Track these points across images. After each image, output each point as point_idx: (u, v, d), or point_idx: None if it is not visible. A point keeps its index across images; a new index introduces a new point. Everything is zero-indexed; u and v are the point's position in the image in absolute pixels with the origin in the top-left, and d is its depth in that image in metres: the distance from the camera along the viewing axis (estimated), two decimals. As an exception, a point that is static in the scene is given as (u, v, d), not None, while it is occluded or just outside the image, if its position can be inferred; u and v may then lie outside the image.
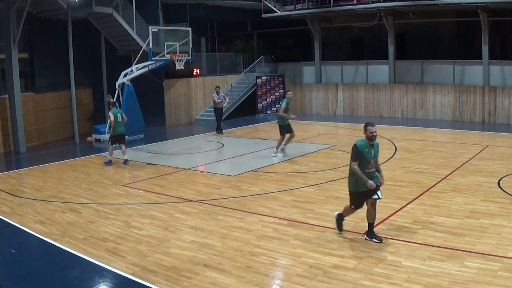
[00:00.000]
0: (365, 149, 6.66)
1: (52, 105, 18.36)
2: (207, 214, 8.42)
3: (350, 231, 7.28)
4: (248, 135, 17.75)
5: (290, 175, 11.18)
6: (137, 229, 7.75)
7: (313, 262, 6.20)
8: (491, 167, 10.99)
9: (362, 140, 6.78)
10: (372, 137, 6.69)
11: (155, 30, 17.15)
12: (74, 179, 11.56)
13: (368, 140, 6.71)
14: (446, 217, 7.68)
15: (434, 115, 20.07)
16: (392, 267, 5.90)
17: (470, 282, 5.39)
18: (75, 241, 7.27)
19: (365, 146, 6.69)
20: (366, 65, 22.55)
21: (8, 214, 8.84)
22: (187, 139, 17.76)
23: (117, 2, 18.26)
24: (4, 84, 16.23)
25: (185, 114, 21.89)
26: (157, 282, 5.78)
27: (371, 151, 6.69)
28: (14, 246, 7.33)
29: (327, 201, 8.90)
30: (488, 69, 18.71)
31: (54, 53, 17.99)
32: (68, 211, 8.89)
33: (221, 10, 23.27)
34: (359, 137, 7.09)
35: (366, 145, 6.71)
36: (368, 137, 6.71)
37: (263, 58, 24.43)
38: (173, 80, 21.13)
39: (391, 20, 20.72)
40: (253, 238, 7.14)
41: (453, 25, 21.52)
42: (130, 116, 17.07)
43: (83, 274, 6.24)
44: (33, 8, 16.98)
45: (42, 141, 17.72)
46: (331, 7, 21.28)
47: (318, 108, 23.59)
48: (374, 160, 6.74)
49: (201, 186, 10.71)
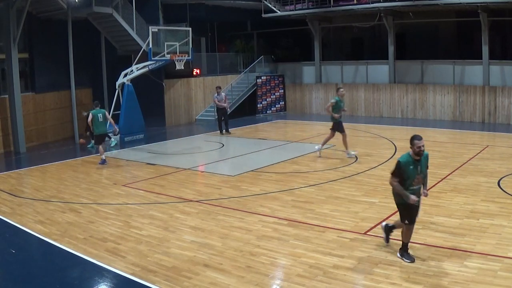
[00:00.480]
0: (409, 166, 5.93)
1: (52, 105, 18.36)
2: (207, 214, 8.42)
3: (350, 231, 7.28)
4: (248, 135, 17.74)
5: (290, 175, 11.18)
6: (137, 229, 7.75)
7: (313, 262, 6.20)
8: (491, 167, 10.98)
9: (407, 155, 5.99)
10: (419, 152, 5.87)
11: (155, 30, 17.14)
12: (74, 179, 11.56)
13: (415, 155, 5.91)
14: (446, 217, 7.68)
15: (434, 115, 20.07)
16: (392, 267, 5.90)
17: (470, 282, 5.40)
18: (75, 241, 7.27)
19: (410, 163, 5.93)
20: (366, 65, 22.54)
21: (8, 214, 8.84)
22: (187, 139, 17.76)
23: (117, 2, 18.27)
24: (4, 84, 16.24)
25: (185, 114, 21.89)
26: (157, 282, 5.78)
27: (417, 167, 5.95)
28: (14, 246, 7.33)
29: (327, 201, 8.89)
30: (488, 69, 18.70)
31: (54, 53, 18.00)
32: (68, 211, 8.89)
33: (221, 10, 23.28)
34: (359, 137, 7.07)
35: (411, 161, 5.94)
36: (415, 152, 5.89)
37: (263, 58, 24.43)
38: (173, 80, 21.13)
39: (391, 20, 20.72)
40: (253, 238, 7.14)
41: (453, 25, 21.51)
42: (130, 116, 17.18)
43: (83, 274, 6.24)
44: (33, 8, 16.99)
45: (42, 141, 17.72)
46: (331, 7, 21.28)
47: (318, 108, 23.56)
48: (420, 176, 6.04)
49: (201, 186, 10.72)
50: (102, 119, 13.05)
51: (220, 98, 17.71)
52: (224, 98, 17.82)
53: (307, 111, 23.89)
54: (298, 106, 24.25)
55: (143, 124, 17.84)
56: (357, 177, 10.64)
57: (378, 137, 15.73)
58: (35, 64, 17.76)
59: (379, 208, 8.33)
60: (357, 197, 9.10)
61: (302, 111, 24.01)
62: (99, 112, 13.06)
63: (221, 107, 17.74)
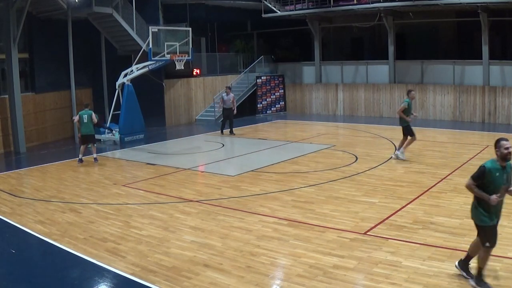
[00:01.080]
0: (495, 172, 5.19)
1: (52, 105, 18.35)
2: (207, 214, 8.42)
3: (350, 231, 7.28)
4: (248, 135, 17.74)
5: (290, 175, 11.18)
6: (137, 229, 7.75)
7: (313, 262, 6.20)
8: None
9: (492, 161, 5.28)
10: (507, 156, 5.16)
11: (155, 30, 17.14)
12: (74, 179, 11.56)
13: (501, 160, 5.20)
14: (446, 217, 7.68)
15: (434, 115, 20.07)
16: (392, 267, 5.90)
17: (470, 282, 5.39)
18: (75, 241, 7.27)
19: (496, 169, 5.21)
20: (366, 65, 22.54)
21: (8, 214, 8.84)
22: (187, 139, 17.76)
23: (117, 2, 18.26)
24: (4, 84, 16.24)
25: (185, 114, 21.89)
26: (157, 282, 5.78)
27: (503, 175, 5.23)
28: (14, 246, 7.33)
29: (327, 201, 8.90)
30: (488, 69, 18.70)
31: (54, 53, 17.99)
32: (68, 211, 8.89)
33: (221, 10, 23.28)
34: (359, 137, 7.07)
35: (498, 167, 5.21)
36: (502, 155, 5.17)
37: (263, 58, 24.43)
38: (173, 80, 21.13)
39: (391, 20, 20.72)
40: (253, 238, 7.14)
41: (453, 25, 21.52)
42: (130, 116, 17.18)
43: (83, 274, 6.23)
44: (33, 8, 16.98)
45: (42, 141, 17.72)
46: (331, 7, 21.28)
47: (318, 108, 23.58)
48: (506, 186, 5.30)
49: (201, 186, 10.71)
50: (87, 120, 13.13)
51: (228, 98, 17.66)
52: (232, 98, 17.74)
53: (307, 111, 23.89)
54: (298, 106, 24.26)
55: (143, 124, 17.84)
56: (357, 177, 10.64)
57: (378, 137, 15.72)
58: (35, 64, 17.75)
59: (379, 208, 8.34)
60: (357, 197, 9.10)
61: (302, 111, 24.01)
62: (85, 113, 13.22)
63: (228, 107, 17.66)
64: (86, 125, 13.17)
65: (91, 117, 13.20)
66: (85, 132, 13.25)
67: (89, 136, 13.35)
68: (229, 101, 17.58)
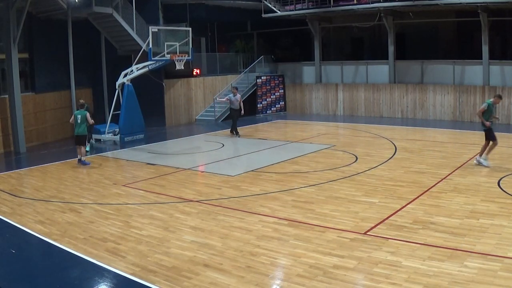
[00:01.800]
0: None
1: (52, 105, 18.35)
2: (207, 214, 8.42)
3: (350, 231, 7.28)
4: (248, 135, 17.74)
5: (290, 175, 11.18)
6: (137, 229, 7.75)
7: (313, 262, 6.19)
8: (491, 167, 10.98)
9: None
10: None
11: (155, 30, 17.13)
12: (74, 179, 11.56)
13: None
14: (446, 217, 7.68)
15: (434, 115, 20.07)
16: (392, 267, 5.89)
17: (470, 282, 5.39)
18: (75, 241, 7.27)
19: None
20: (366, 65, 22.54)
21: (8, 214, 8.84)
22: (187, 139, 17.76)
23: (117, 2, 18.26)
24: (4, 84, 16.24)
25: (185, 114, 21.89)
26: (157, 282, 5.78)
27: None
28: (14, 246, 7.33)
29: (327, 201, 8.89)
30: (488, 69, 18.71)
31: (54, 53, 17.99)
32: (68, 211, 8.89)
33: (221, 10, 23.28)
34: (359, 137, 7.09)
35: None
36: None
37: (263, 58, 24.43)
38: (173, 80, 21.13)
39: (391, 20, 20.73)
40: (253, 238, 7.13)
41: (453, 25, 21.52)
42: (130, 116, 17.17)
43: (83, 274, 6.23)
44: (33, 8, 16.98)
45: (42, 141, 17.72)
46: (331, 7, 21.28)
47: (318, 108, 23.58)
48: None
49: (201, 186, 10.71)
50: (80, 120, 13.08)
51: (235, 99, 17.60)
52: (239, 99, 17.68)
53: (307, 111, 23.89)
54: (298, 106, 24.26)
55: (143, 124, 17.84)
56: (357, 177, 10.64)
57: (378, 137, 15.72)
58: (35, 64, 17.75)
59: (379, 208, 8.34)
60: (357, 197, 9.10)
61: (302, 111, 24.01)
62: (79, 113, 13.20)
63: (235, 108, 17.57)
64: (78, 125, 13.11)
65: (85, 118, 13.11)
66: (77, 133, 13.19)
67: (80, 137, 13.23)
68: (236, 102, 17.53)
